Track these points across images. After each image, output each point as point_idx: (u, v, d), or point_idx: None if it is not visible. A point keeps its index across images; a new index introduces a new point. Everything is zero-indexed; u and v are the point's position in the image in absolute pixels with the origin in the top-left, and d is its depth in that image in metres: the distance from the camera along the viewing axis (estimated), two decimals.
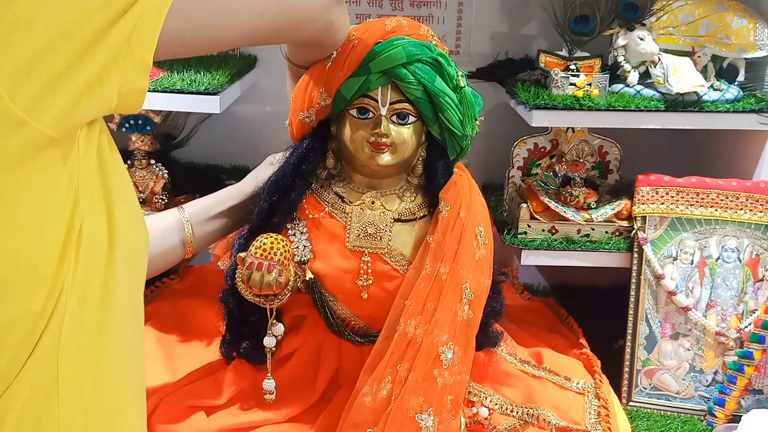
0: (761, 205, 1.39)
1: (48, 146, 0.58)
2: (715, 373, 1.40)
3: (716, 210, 1.40)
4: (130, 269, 0.70)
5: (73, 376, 0.64)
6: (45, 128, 0.56)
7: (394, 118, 1.14)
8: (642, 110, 1.39)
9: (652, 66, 1.42)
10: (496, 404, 1.22)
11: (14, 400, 0.61)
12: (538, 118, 1.38)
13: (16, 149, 0.56)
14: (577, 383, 1.31)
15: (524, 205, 1.46)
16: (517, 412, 1.22)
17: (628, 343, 1.42)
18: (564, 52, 1.47)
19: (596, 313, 1.56)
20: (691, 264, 1.41)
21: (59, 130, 0.58)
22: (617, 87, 1.44)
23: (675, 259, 1.41)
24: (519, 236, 1.46)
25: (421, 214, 1.19)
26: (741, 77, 1.50)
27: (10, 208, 0.58)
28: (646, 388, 1.42)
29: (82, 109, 0.59)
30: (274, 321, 1.14)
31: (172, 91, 1.34)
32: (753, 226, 1.39)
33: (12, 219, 0.58)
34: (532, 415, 1.21)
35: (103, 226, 0.66)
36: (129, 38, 0.60)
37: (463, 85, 1.15)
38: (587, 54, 1.46)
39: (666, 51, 1.45)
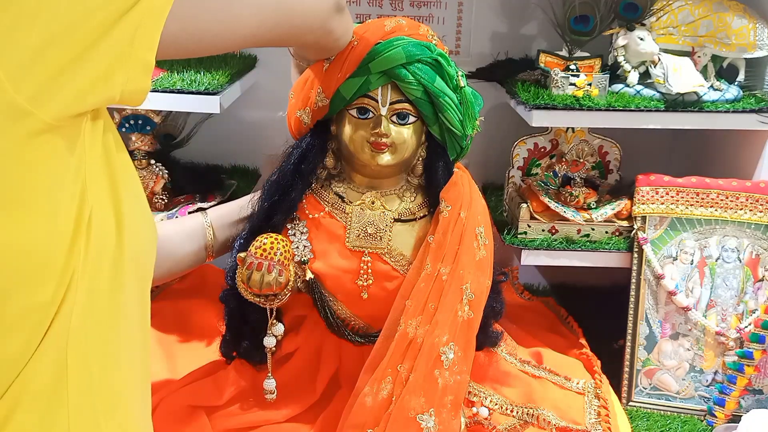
0: (761, 205, 1.39)
1: (53, 136, 0.60)
2: (715, 373, 1.40)
3: (716, 210, 1.40)
4: (137, 264, 0.72)
5: (81, 363, 0.65)
6: (49, 119, 0.58)
7: (394, 118, 1.14)
8: (642, 110, 1.39)
9: (652, 66, 1.42)
10: (496, 404, 1.22)
11: (26, 385, 0.62)
12: (538, 118, 1.38)
13: (22, 139, 0.57)
14: (577, 383, 1.31)
15: (524, 205, 1.46)
16: (517, 412, 1.22)
17: (628, 343, 1.42)
18: (564, 52, 1.47)
19: (596, 313, 1.56)
20: (691, 264, 1.41)
21: (62, 120, 0.59)
22: (617, 87, 1.44)
23: (675, 259, 1.41)
24: (519, 236, 1.46)
25: (421, 214, 1.19)
26: (741, 77, 1.50)
27: (19, 197, 0.59)
28: (646, 388, 1.42)
29: (87, 102, 0.61)
30: (274, 321, 1.15)
31: (172, 91, 1.34)
32: (753, 226, 1.39)
33: (22, 208, 0.59)
34: (532, 415, 1.21)
35: (111, 220, 0.68)
36: (132, 38, 0.61)
37: (463, 85, 1.15)
38: (587, 54, 1.46)
39: (666, 51, 1.45)
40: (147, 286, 0.76)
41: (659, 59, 1.42)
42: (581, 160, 1.54)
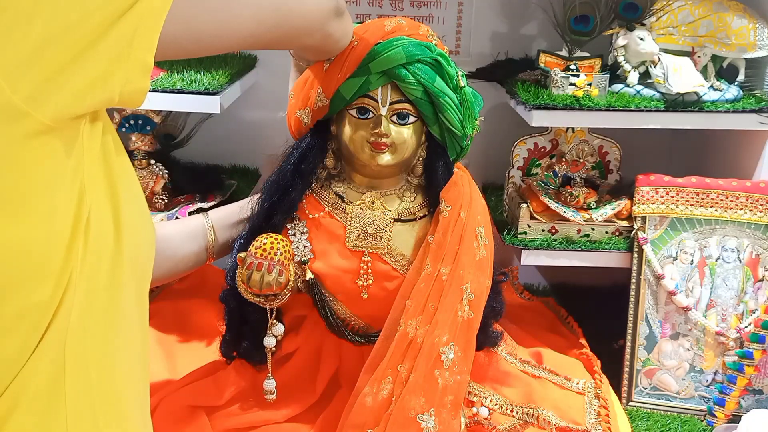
0: (761, 205, 1.39)
1: (51, 137, 0.59)
2: (715, 373, 1.40)
3: (716, 210, 1.40)
4: (136, 264, 0.72)
5: (79, 364, 0.65)
6: (47, 120, 0.58)
7: (394, 118, 1.14)
8: (642, 110, 1.39)
9: (652, 66, 1.42)
10: (496, 404, 1.22)
11: (24, 386, 0.62)
12: (538, 118, 1.38)
13: (19, 139, 0.57)
14: (577, 383, 1.31)
15: (524, 205, 1.46)
16: (517, 412, 1.22)
17: (628, 343, 1.42)
18: (564, 52, 1.47)
19: (596, 313, 1.56)
20: (691, 264, 1.41)
21: (60, 121, 0.59)
22: (617, 87, 1.44)
23: (675, 259, 1.41)
24: (519, 236, 1.46)
25: (421, 214, 1.19)
26: (741, 77, 1.50)
27: (15, 197, 0.59)
28: (646, 388, 1.42)
29: (85, 103, 0.61)
30: (274, 321, 1.15)
31: (172, 91, 1.34)
32: (753, 226, 1.39)
33: (18, 208, 0.59)
34: (532, 415, 1.21)
35: (109, 221, 0.68)
36: (131, 39, 0.61)
37: (463, 85, 1.15)
38: (587, 54, 1.46)
39: (666, 51, 1.45)
40: (146, 286, 0.76)
41: (659, 59, 1.42)
42: (581, 160, 1.54)
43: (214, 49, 0.82)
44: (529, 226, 1.46)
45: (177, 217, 1.43)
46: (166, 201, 1.51)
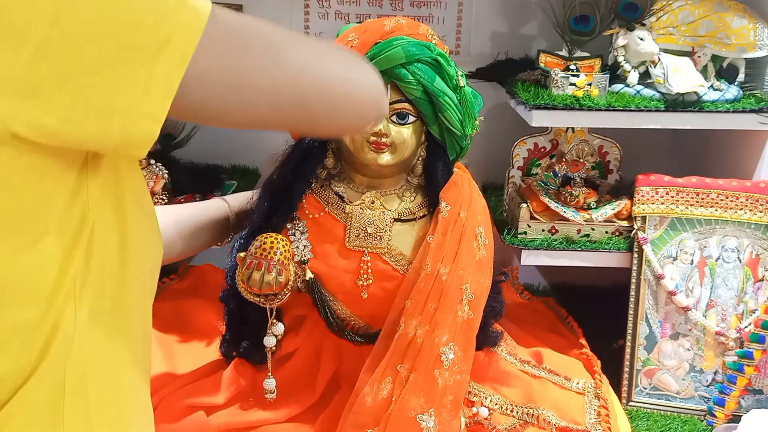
0: (761, 205, 1.39)
1: (44, 159, 0.57)
2: (715, 373, 1.40)
3: (716, 210, 1.40)
4: (140, 284, 0.71)
5: (78, 383, 0.64)
6: (37, 140, 0.55)
7: (393, 118, 1.14)
8: (642, 110, 1.39)
9: (652, 66, 1.42)
10: (496, 404, 1.22)
11: (21, 407, 0.62)
12: (538, 118, 1.38)
13: (8, 159, 0.55)
14: (577, 383, 1.31)
15: (524, 205, 1.46)
16: (517, 412, 1.22)
17: (628, 343, 1.42)
18: (564, 52, 1.47)
19: (596, 313, 1.56)
20: (691, 264, 1.40)
21: (52, 145, 0.57)
22: (617, 87, 1.44)
23: (675, 259, 1.41)
24: (519, 236, 1.46)
25: (421, 214, 1.19)
26: (741, 77, 1.50)
27: (2, 218, 0.57)
28: (646, 388, 1.42)
29: (76, 139, 0.57)
30: (274, 321, 1.15)
31: None
32: (753, 226, 1.39)
33: (5, 229, 0.58)
34: (532, 415, 1.21)
35: (114, 242, 0.66)
36: (146, 87, 0.57)
37: (462, 84, 1.15)
38: (587, 54, 1.46)
39: (666, 51, 1.45)
40: (149, 301, 0.75)
41: (659, 59, 1.42)
42: (581, 160, 1.54)
43: (222, 124, 0.72)
44: (529, 226, 1.46)
45: None
46: (166, 201, 1.51)
